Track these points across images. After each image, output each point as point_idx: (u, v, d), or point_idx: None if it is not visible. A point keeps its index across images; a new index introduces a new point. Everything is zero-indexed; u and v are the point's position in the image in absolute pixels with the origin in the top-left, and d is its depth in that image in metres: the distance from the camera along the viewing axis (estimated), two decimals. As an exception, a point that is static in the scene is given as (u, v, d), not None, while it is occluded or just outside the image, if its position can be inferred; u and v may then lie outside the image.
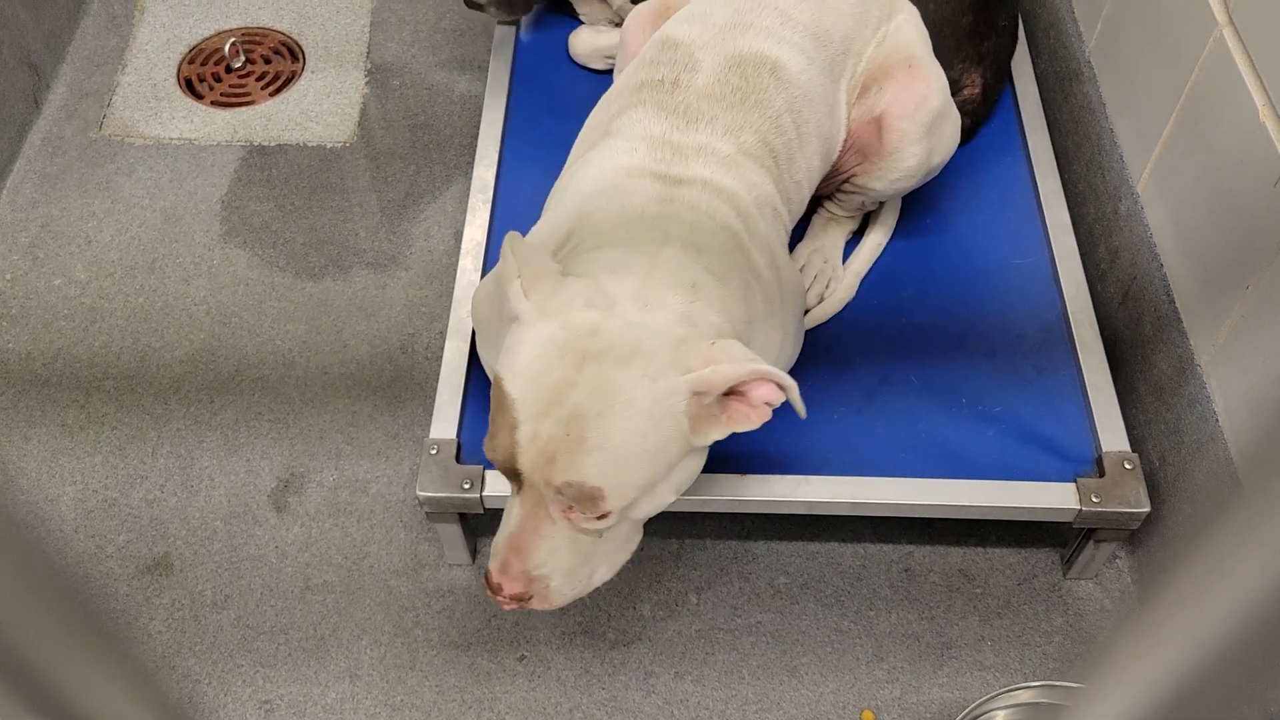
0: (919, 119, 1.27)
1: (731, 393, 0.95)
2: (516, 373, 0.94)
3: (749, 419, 0.96)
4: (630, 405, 0.91)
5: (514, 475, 0.97)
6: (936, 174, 1.36)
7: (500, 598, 0.98)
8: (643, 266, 0.99)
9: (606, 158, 1.12)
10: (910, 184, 1.34)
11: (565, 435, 0.92)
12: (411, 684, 1.31)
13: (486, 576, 0.99)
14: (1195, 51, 1.28)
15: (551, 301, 0.96)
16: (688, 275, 0.99)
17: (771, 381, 0.94)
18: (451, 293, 1.44)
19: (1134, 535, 1.35)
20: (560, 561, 0.98)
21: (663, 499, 0.98)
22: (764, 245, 1.11)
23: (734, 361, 0.92)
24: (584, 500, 0.93)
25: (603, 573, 1.01)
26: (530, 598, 0.99)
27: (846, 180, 1.35)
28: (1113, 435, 1.30)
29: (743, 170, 1.12)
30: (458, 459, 1.27)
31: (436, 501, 1.26)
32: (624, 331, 0.93)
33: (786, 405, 0.97)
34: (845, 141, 1.30)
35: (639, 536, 1.03)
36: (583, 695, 1.30)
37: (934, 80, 1.29)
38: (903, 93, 1.26)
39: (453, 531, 1.33)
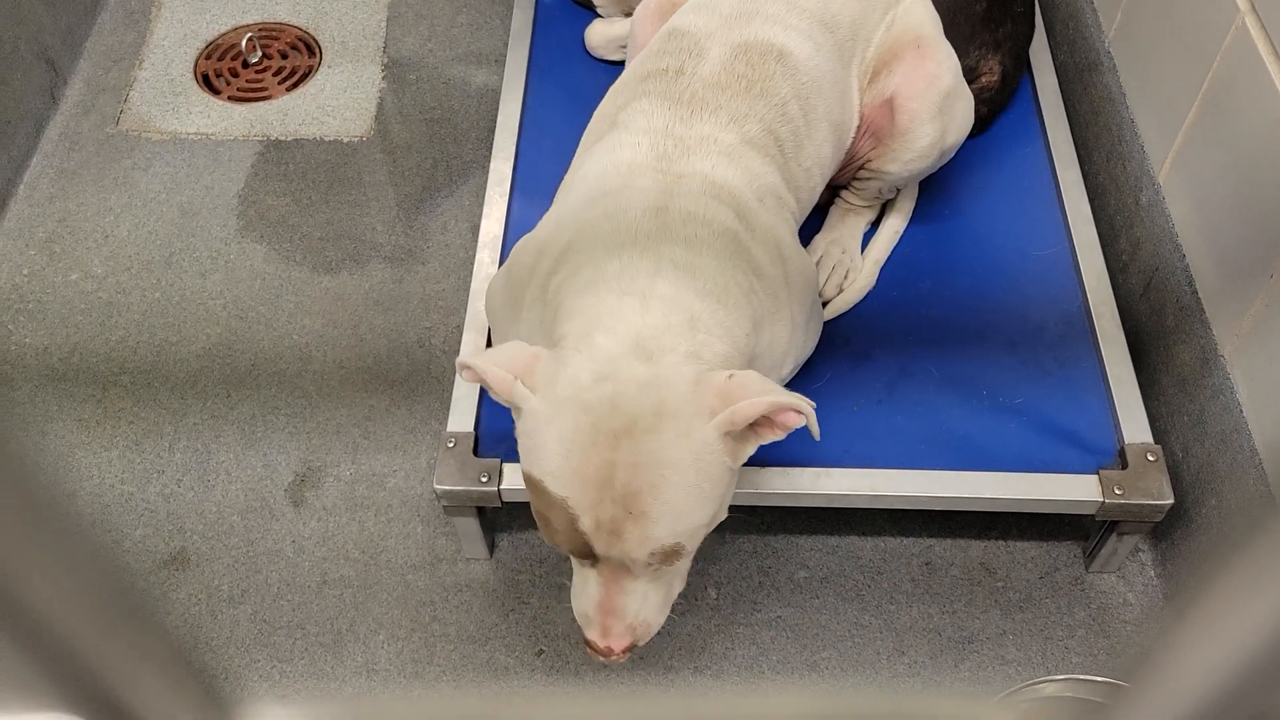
0: (930, 98, 1.27)
1: None
2: (553, 473, 0.94)
3: (775, 433, 0.98)
4: (676, 468, 0.93)
5: (587, 555, 0.98)
6: (951, 156, 1.35)
7: (613, 657, 1.03)
8: (634, 313, 0.97)
9: (610, 152, 1.12)
10: (925, 165, 1.33)
11: (628, 514, 0.93)
12: (429, 679, 1.31)
13: (590, 645, 1.03)
14: (1217, 40, 1.26)
15: (558, 388, 0.95)
16: (683, 310, 0.98)
17: (790, 409, 0.95)
18: (469, 286, 1.44)
19: (1157, 528, 1.34)
20: (651, 603, 1.02)
21: (723, 514, 1.02)
22: (767, 238, 1.10)
23: (752, 398, 0.93)
24: (668, 558, 0.97)
25: (679, 583, 1.05)
26: (637, 640, 1.03)
27: (862, 166, 1.34)
28: (1135, 427, 1.29)
29: (745, 160, 1.11)
30: (475, 452, 1.27)
31: (454, 495, 1.26)
32: (640, 396, 0.93)
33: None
34: (859, 127, 1.30)
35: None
36: (601, 690, 1.30)
37: (944, 59, 1.28)
38: (912, 72, 1.26)
39: (470, 525, 1.33)
